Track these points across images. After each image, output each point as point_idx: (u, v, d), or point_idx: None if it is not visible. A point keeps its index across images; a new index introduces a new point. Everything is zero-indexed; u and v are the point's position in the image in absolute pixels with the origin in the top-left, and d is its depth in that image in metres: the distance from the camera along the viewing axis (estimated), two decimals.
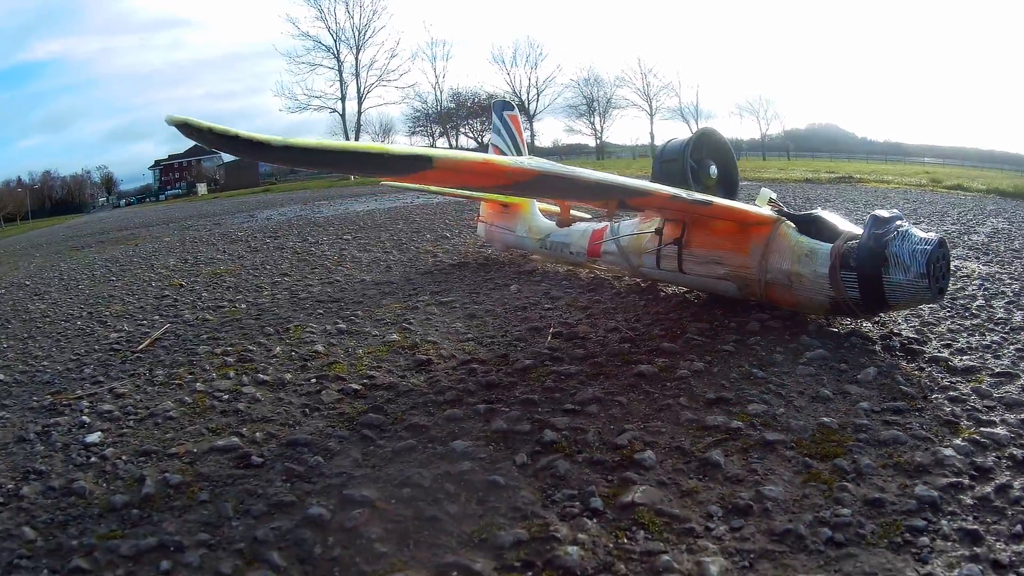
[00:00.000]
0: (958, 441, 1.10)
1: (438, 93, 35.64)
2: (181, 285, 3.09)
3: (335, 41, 29.69)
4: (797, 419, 1.20)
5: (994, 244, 3.17)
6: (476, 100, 36.67)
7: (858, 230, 1.64)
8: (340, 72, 30.08)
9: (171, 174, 37.42)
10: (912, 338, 1.62)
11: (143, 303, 2.76)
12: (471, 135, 37.42)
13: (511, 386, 1.44)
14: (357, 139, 29.73)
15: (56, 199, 33.31)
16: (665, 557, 0.83)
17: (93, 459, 1.25)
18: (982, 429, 1.13)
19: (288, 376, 1.60)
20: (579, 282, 2.49)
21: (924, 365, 1.45)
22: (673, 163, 2.06)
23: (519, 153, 3.06)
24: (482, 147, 39.27)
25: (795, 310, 1.78)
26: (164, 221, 8.20)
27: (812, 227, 1.71)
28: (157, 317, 2.43)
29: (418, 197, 7.86)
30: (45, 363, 1.95)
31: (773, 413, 1.23)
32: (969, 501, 0.93)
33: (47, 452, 1.30)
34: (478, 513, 0.96)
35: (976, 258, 2.77)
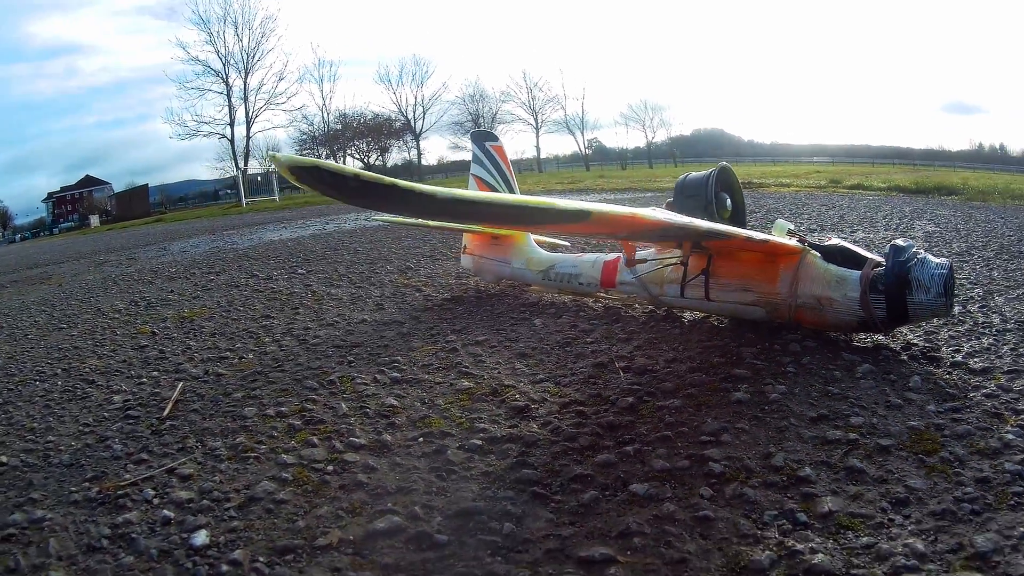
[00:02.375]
0: (1010, 427, 1.53)
1: (325, 115, 38.36)
2: (153, 333, 3.02)
3: (224, 65, 32.29)
4: (891, 425, 1.59)
5: (934, 249, 3.92)
6: (362, 121, 39.36)
7: (876, 258, 2.12)
8: (229, 97, 32.68)
9: (64, 207, 37.53)
10: (927, 347, 2.11)
11: (123, 355, 2.69)
12: (357, 156, 39.93)
13: (633, 425, 1.67)
14: (246, 164, 31.53)
15: None
16: (883, 546, 1.14)
17: (224, 567, 1.17)
18: (1021, 417, 1.58)
19: (387, 437, 1.66)
20: (595, 312, 2.81)
21: (950, 369, 1.92)
22: (695, 198, 2.48)
23: (510, 187, 3.34)
24: (368, 167, 40.28)
25: (819, 329, 2.23)
26: (72, 257, 7.87)
27: (837, 256, 2.17)
28: (156, 373, 2.40)
29: (327, 224, 8.22)
30: (51, 438, 1.84)
31: (871, 423, 1.60)
32: None
33: (145, 565, 1.20)
34: (716, 546, 1.17)
35: None
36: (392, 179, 1.02)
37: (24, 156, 59.62)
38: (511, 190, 3.36)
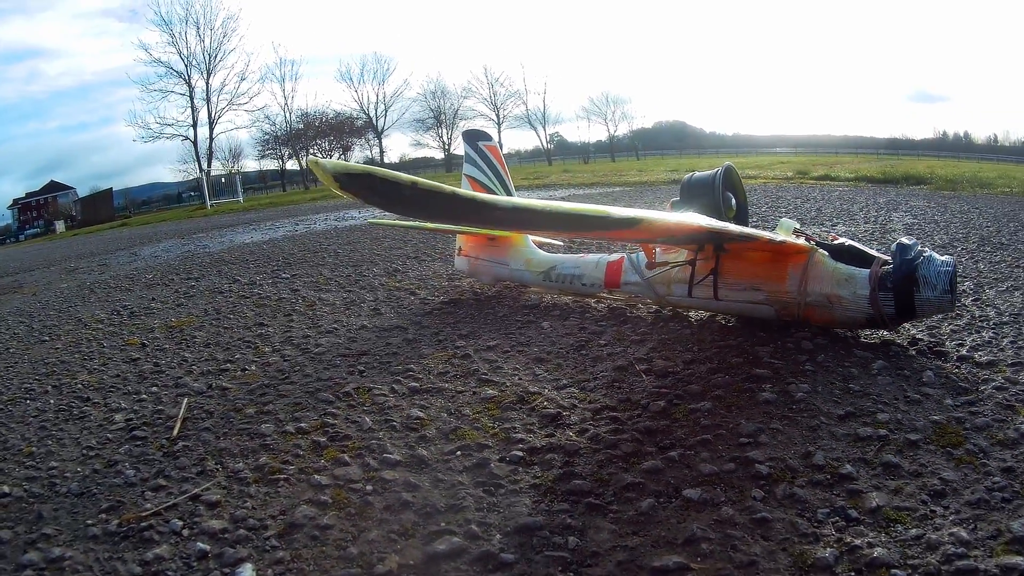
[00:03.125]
0: (1022, 419, 1.67)
1: (287, 114, 38.86)
2: (143, 344, 2.98)
3: (186, 66, 32.76)
4: (916, 420, 1.70)
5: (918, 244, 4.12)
6: (324, 119, 39.81)
7: (883, 256, 2.25)
8: (191, 98, 33.08)
9: (29, 212, 37.57)
10: (932, 342, 2.25)
11: (115, 369, 2.64)
12: (320, 155, 39.91)
13: (670, 429, 1.74)
14: (209, 166, 32.25)
15: None
16: (931, 536, 1.24)
17: None
18: None
19: (422, 452, 1.64)
20: (599, 313, 2.89)
21: (958, 364, 2.06)
22: (702, 198, 2.58)
23: (505, 187, 3.40)
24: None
25: (828, 327, 2.35)
26: (42, 264, 7.76)
27: (845, 254, 2.30)
28: (154, 388, 2.36)
29: (296, 226, 8.25)
30: (54, 464, 1.77)
31: (897, 419, 1.71)
32: None
33: None
34: (780, 547, 1.24)
35: None
36: (452, 188, 1.03)
37: None
38: (507, 189, 3.42)
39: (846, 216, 5.58)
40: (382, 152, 42.70)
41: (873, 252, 2.31)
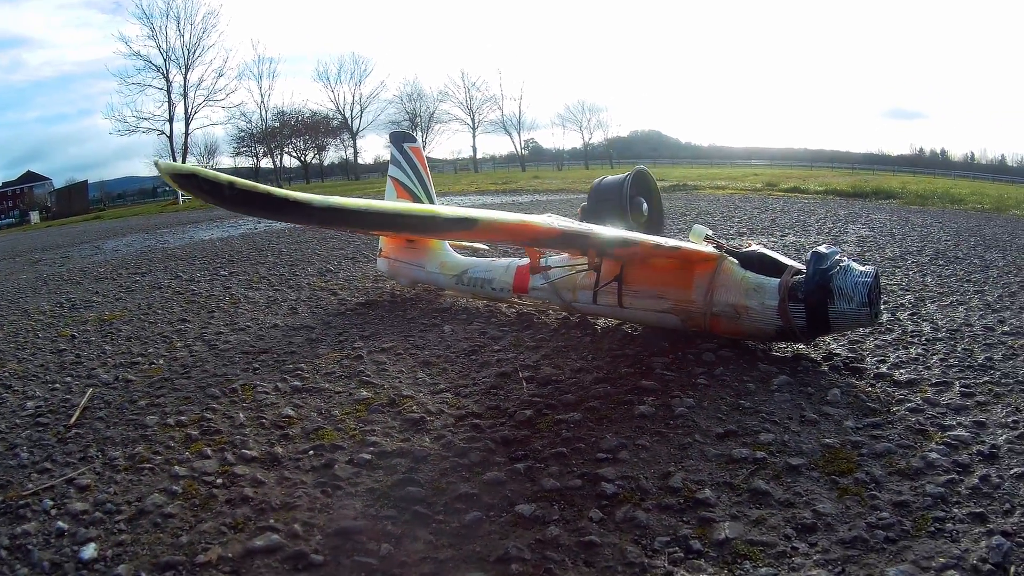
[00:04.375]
0: (934, 445, 1.45)
1: (263, 112, 38.05)
2: (73, 336, 2.91)
3: (165, 61, 32.10)
4: (803, 443, 1.49)
5: (868, 254, 3.95)
6: (300, 119, 39.38)
7: (797, 264, 2.04)
8: (169, 93, 32.45)
9: (5, 202, 37.19)
10: (850, 356, 2.05)
11: (42, 360, 2.56)
12: (294, 154, 40.18)
13: (528, 440, 1.58)
14: (184, 161, 31.38)
15: None
16: None
17: None
18: (948, 433, 1.51)
19: (278, 449, 1.59)
20: (507, 318, 2.68)
21: (873, 381, 1.85)
22: (609, 201, 2.35)
23: (426, 189, 3.22)
24: (305, 165, 39.59)
25: (737, 338, 2.14)
26: (8, 255, 7.61)
27: (755, 262, 2.08)
28: (69, 378, 2.30)
29: (258, 223, 8.07)
30: None
31: (782, 440, 1.50)
32: (966, 491, 1.27)
33: None
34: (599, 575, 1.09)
35: None
36: (267, 187, 1.03)
37: None
38: (427, 192, 3.25)
39: (799, 227, 5.41)
40: (356, 153, 42.80)
41: (787, 261, 2.10)
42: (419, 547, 1.19)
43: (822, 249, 1.99)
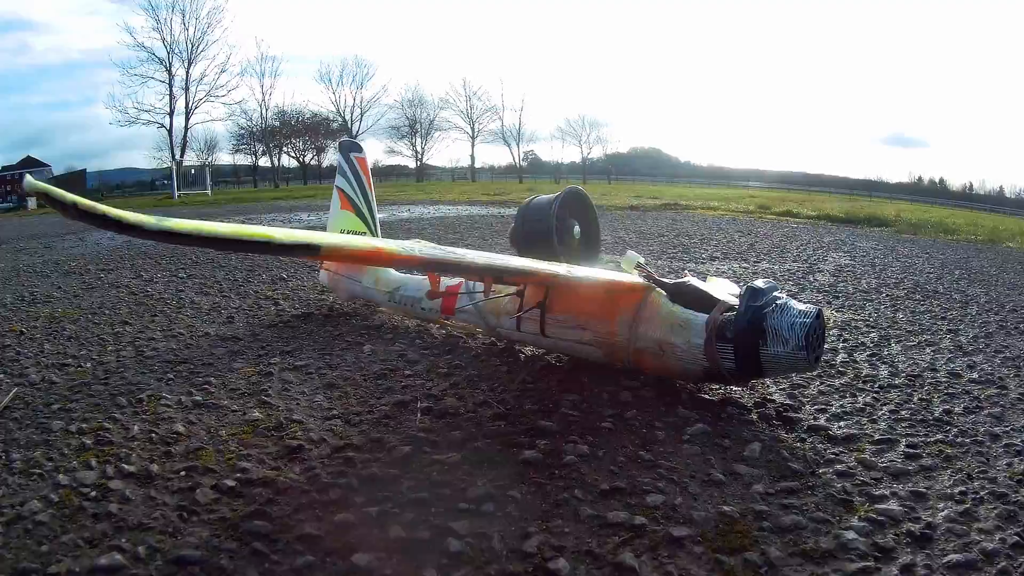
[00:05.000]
0: (855, 521, 1.20)
1: (263, 110, 37.77)
2: (22, 332, 2.79)
3: (168, 53, 32.00)
4: (697, 509, 1.24)
5: (841, 285, 3.70)
6: (300, 119, 38.87)
7: (732, 300, 1.80)
8: (170, 86, 32.19)
9: (3, 187, 36.54)
10: (786, 404, 1.79)
11: None
12: (293, 154, 39.62)
13: (395, 480, 1.38)
14: (182, 155, 31.51)
15: None
16: None
17: None
18: (876, 506, 1.26)
19: (154, 467, 1.49)
20: (433, 340, 2.46)
21: (804, 435, 1.60)
22: (539, 223, 2.13)
23: (366, 199, 3.02)
24: (303, 166, 39.21)
25: (663, 377, 1.91)
26: None
27: (684, 295, 1.84)
28: (1, 375, 2.16)
29: (244, 222, 7.78)
30: None
31: (672, 504, 1.26)
32: None
33: None
34: None
35: (828, 303, 3.19)
36: (105, 208, 1.00)
37: None
38: (368, 204, 3.04)
39: (777, 253, 5.14)
40: None
41: (722, 295, 1.85)
42: None
43: (758, 284, 1.75)
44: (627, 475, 1.38)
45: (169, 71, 32.12)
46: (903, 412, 1.76)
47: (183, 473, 1.46)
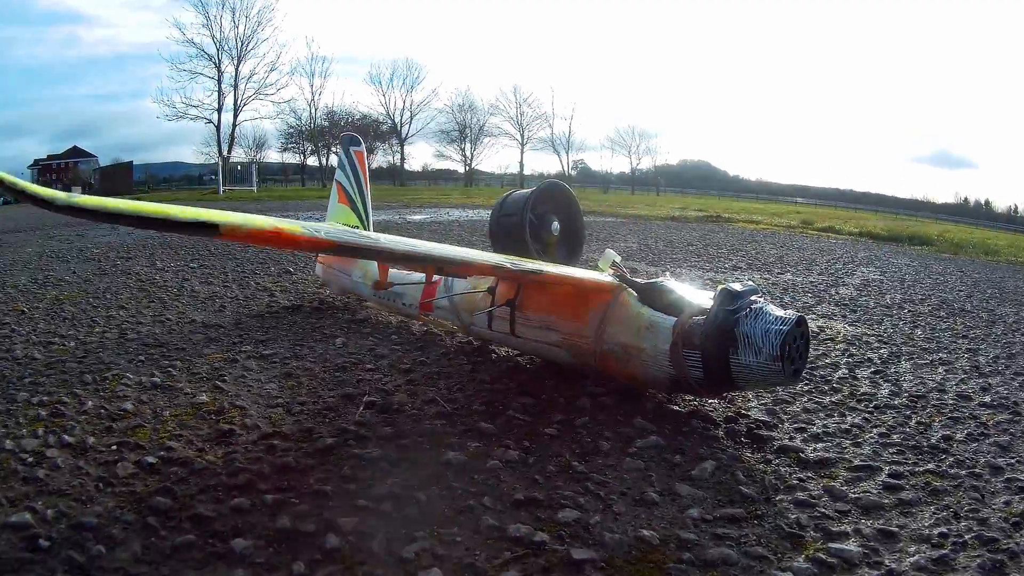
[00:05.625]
0: (799, 561, 1.00)
1: (313, 110, 36.41)
2: (23, 311, 2.81)
3: (218, 50, 30.98)
4: (613, 531, 1.07)
5: (863, 299, 3.41)
6: (350, 120, 37.30)
7: (707, 303, 1.58)
8: (219, 82, 31.27)
9: (49, 175, 35.96)
10: (762, 421, 1.58)
11: None
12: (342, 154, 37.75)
13: (307, 471, 1.29)
14: (230, 151, 30.98)
15: None
16: None
17: None
18: (831, 544, 1.05)
19: (91, 440, 1.48)
20: (410, 337, 2.33)
21: (771, 456, 1.39)
22: (511, 217, 1.96)
23: (361, 192, 2.91)
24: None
25: (632, 384, 1.71)
26: (32, 227, 7.60)
27: (655, 297, 1.65)
28: None
29: (282, 215, 7.81)
30: None
31: (587, 522, 1.09)
32: None
33: None
34: None
35: (843, 316, 2.91)
36: (24, 184, 1.00)
37: (15, 120, 55.15)
38: (363, 198, 2.93)
39: (804, 265, 4.81)
40: (403, 159, 40.13)
41: (696, 295, 1.64)
42: (123, 555, 1.05)
43: (734, 287, 1.53)
44: (550, 487, 1.21)
45: (218, 67, 31.20)
46: (895, 436, 1.53)
47: (114, 447, 1.45)
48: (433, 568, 0.96)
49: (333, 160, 37.00)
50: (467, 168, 40.28)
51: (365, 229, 2.81)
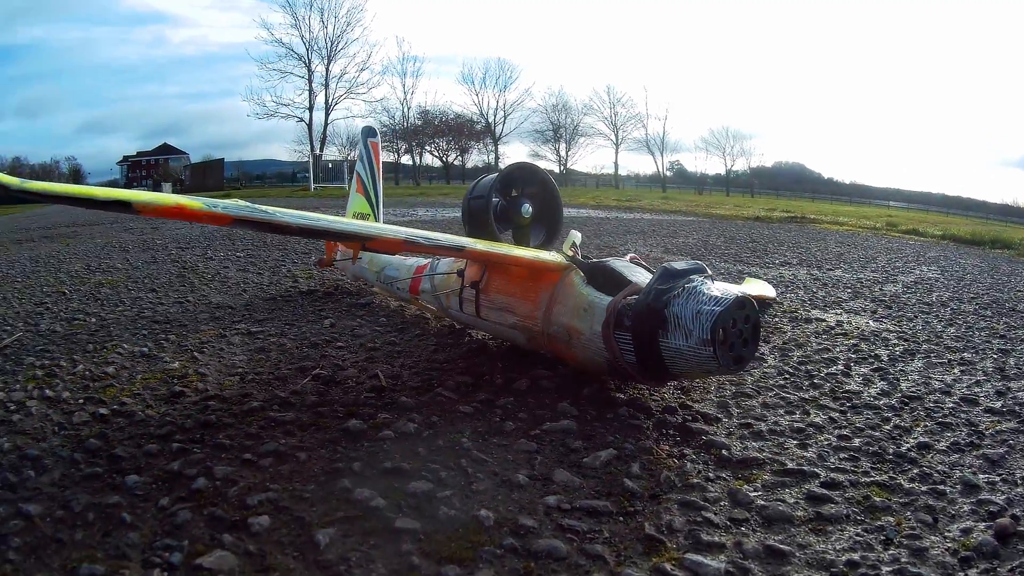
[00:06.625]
0: (639, 569, 0.87)
1: (405, 109, 35.50)
2: (64, 293, 2.98)
3: (307, 50, 30.19)
4: (452, 507, 0.99)
5: (906, 295, 3.03)
6: (444, 119, 36.57)
7: (644, 282, 1.43)
8: (310, 82, 30.46)
9: (138, 171, 37.11)
10: (705, 414, 1.41)
11: (19, 308, 2.65)
12: (436, 153, 37.36)
13: (222, 428, 1.34)
14: (322, 149, 30.20)
15: None
16: None
17: None
18: (690, 555, 0.90)
19: (67, 395, 1.57)
20: (398, 320, 2.30)
21: (689, 451, 1.23)
22: (478, 199, 1.86)
23: (374, 182, 2.90)
24: (446, 166, 38.56)
25: (580, 369, 1.59)
26: (111, 219, 8.05)
27: (598, 276, 1.51)
28: (21, 324, 2.35)
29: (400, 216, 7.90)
30: None
31: (433, 495, 1.03)
32: None
33: None
34: (100, 545, 0.93)
35: (873, 311, 2.59)
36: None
37: (102, 118, 56.68)
38: (375, 186, 2.91)
39: (860, 263, 4.29)
40: (497, 159, 37.70)
41: (641, 275, 1.48)
42: (44, 480, 1.13)
43: (675, 265, 1.37)
44: (425, 460, 1.16)
45: (308, 67, 30.27)
46: (856, 440, 1.30)
47: (81, 401, 1.52)
48: (264, 516, 0.97)
49: (428, 160, 36.43)
50: (562, 168, 38.46)
51: (375, 217, 2.81)
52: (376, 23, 64.87)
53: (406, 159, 36.91)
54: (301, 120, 30.57)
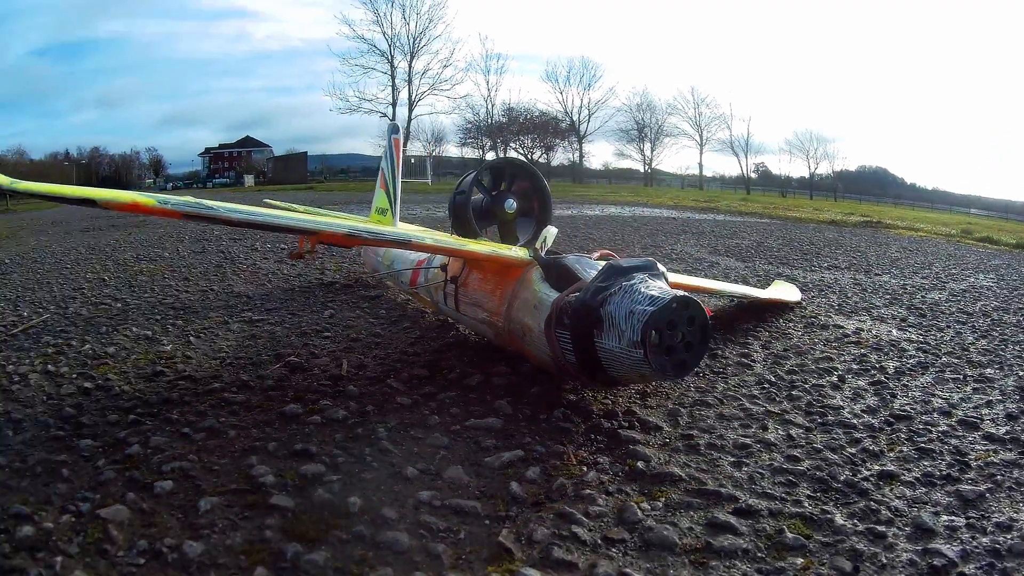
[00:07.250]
0: (473, 573, 0.83)
1: (489, 106, 34.49)
2: (103, 279, 3.09)
3: (390, 46, 29.25)
4: (331, 492, 1.00)
5: (947, 304, 2.72)
6: (528, 116, 35.38)
7: (590, 278, 1.35)
8: (393, 77, 29.56)
9: (220, 163, 36.03)
10: (646, 422, 1.32)
11: (57, 293, 2.77)
12: (521, 151, 35.78)
13: (180, 405, 1.39)
14: (406, 145, 29.04)
15: (103, 176, 31.35)
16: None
17: None
18: (525, 570, 0.83)
19: (65, 370, 1.64)
20: (398, 314, 2.29)
21: (603, 460, 1.15)
22: (461, 195, 1.84)
23: (394, 177, 2.90)
24: (532, 163, 37.27)
25: (538, 367, 1.54)
26: None
27: (553, 272, 1.44)
28: (52, 306, 2.47)
29: (417, 210, 7.92)
30: None
31: (321, 477, 1.05)
32: None
33: None
34: (36, 492, 1.01)
35: (902, 320, 2.35)
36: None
37: (184, 111, 55.80)
38: (394, 181, 2.90)
39: (914, 268, 3.88)
40: (582, 157, 36.39)
41: (589, 273, 1.41)
42: (17, 439, 1.20)
43: (622, 262, 1.30)
44: (337, 445, 1.17)
45: (391, 63, 29.23)
46: (805, 463, 1.16)
47: (75, 376, 1.59)
48: (169, 480, 1.02)
49: (512, 155, 36.18)
50: (647, 168, 36.86)
51: (392, 211, 2.83)
52: (458, 20, 62.17)
53: (491, 155, 35.74)
54: (384, 116, 29.55)
